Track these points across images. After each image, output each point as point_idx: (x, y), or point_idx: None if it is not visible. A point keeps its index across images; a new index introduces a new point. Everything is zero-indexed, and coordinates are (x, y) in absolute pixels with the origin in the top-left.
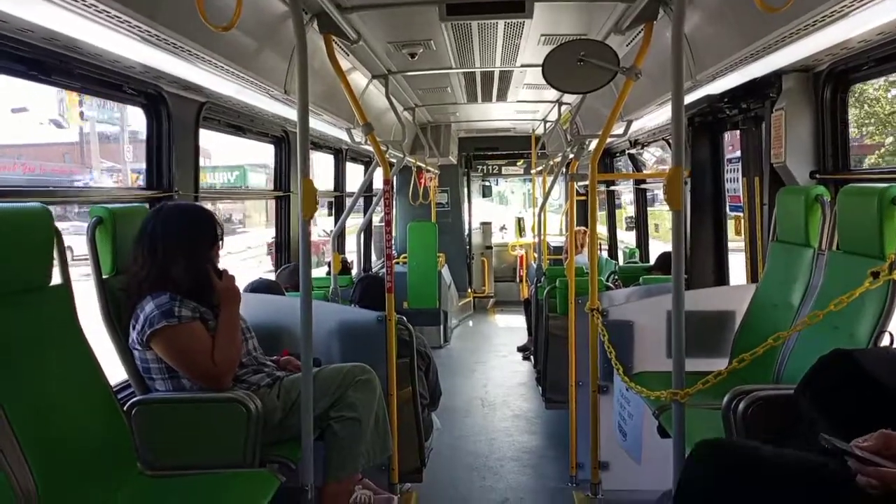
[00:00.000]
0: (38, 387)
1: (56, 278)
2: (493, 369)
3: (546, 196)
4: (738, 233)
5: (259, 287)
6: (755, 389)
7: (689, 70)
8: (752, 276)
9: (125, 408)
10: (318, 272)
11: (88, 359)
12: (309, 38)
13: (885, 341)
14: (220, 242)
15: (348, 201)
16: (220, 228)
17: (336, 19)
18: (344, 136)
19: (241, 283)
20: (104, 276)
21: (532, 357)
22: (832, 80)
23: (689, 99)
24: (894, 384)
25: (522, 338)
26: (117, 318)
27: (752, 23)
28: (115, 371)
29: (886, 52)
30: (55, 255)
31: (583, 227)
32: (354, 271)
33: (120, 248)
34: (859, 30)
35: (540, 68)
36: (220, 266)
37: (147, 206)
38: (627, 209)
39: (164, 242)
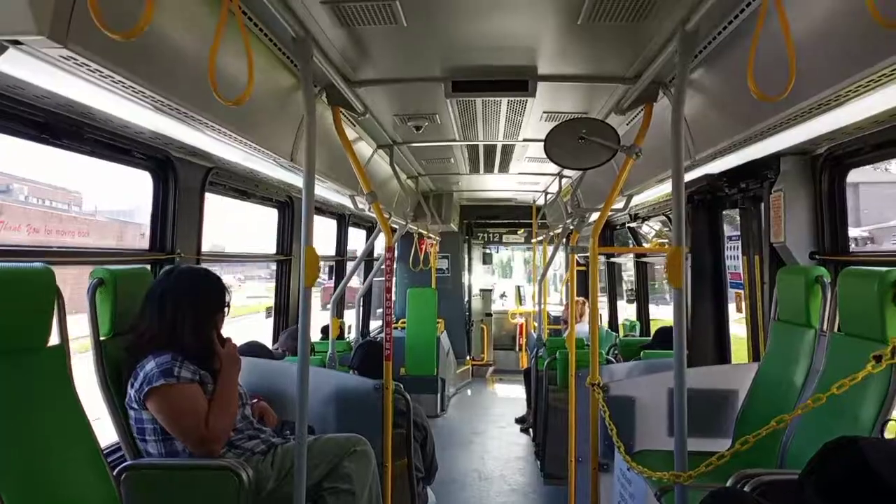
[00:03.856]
0: (28, 447)
1: (54, 338)
2: (491, 440)
3: (546, 266)
4: (739, 310)
5: (248, 350)
6: (759, 473)
7: (689, 150)
8: (754, 354)
9: (115, 472)
10: (314, 336)
11: (81, 421)
12: (316, 108)
13: (893, 431)
14: (227, 308)
15: (348, 265)
16: (228, 295)
17: (345, 93)
18: (347, 201)
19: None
20: (102, 339)
21: (531, 429)
22: (830, 164)
23: (688, 177)
24: None
25: (521, 408)
26: (113, 380)
27: (750, 107)
28: (108, 433)
29: (883, 139)
30: (55, 315)
31: (581, 298)
32: (352, 336)
33: (120, 311)
34: (856, 117)
35: (542, 143)
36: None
37: (148, 267)
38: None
39: (174, 303)
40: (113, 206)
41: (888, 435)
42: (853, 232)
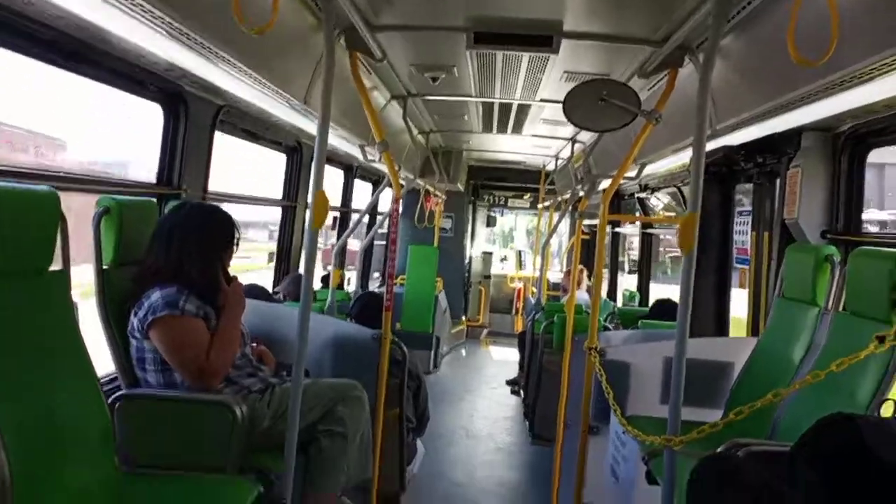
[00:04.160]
0: (23, 369)
1: (56, 263)
2: (481, 399)
3: (551, 232)
4: (742, 285)
5: (248, 292)
6: (752, 443)
7: (710, 120)
8: (753, 329)
9: (109, 400)
10: (316, 284)
11: (79, 347)
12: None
13: (889, 410)
14: (235, 246)
15: (353, 218)
16: (237, 233)
17: (364, 37)
18: (355, 151)
19: None
20: (104, 267)
21: (521, 391)
22: (852, 142)
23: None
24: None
25: (514, 371)
26: (113, 309)
27: (776, 79)
28: (105, 363)
29: None
30: (58, 239)
31: (581, 266)
32: (351, 287)
33: (125, 241)
34: (884, 94)
35: (558, 105)
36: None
37: (154, 200)
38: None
39: (182, 239)
40: (101, 156)
41: (884, 414)
42: (880, 215)
